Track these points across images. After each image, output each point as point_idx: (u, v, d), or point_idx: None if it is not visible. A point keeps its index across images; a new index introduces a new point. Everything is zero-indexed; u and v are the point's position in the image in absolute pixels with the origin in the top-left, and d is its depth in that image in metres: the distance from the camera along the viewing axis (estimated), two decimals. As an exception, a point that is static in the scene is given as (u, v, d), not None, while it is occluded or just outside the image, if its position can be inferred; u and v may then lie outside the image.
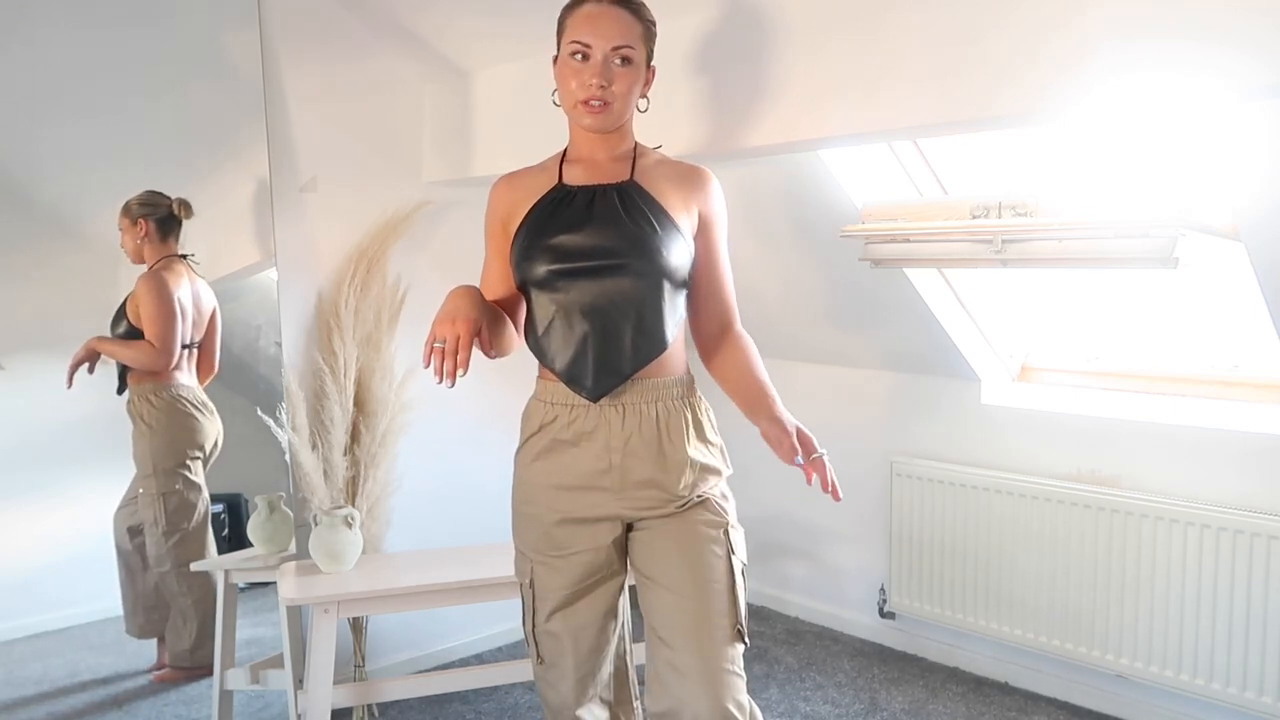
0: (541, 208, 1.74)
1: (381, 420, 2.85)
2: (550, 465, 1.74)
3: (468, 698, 2.97)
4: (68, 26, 2.58)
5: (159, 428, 2.71)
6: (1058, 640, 2.85)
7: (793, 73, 2.11)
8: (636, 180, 1.75)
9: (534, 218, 1.73)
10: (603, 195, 1.73)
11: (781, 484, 3.58)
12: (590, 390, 1.68)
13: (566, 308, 1.69)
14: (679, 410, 1.72)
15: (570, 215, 1.71)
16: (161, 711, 2.70)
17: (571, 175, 1.77)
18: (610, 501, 1.71)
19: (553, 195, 1.75)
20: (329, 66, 2.88)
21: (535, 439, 1.76)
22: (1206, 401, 2.61)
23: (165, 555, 2.74)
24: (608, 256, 1.68)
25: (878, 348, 3.26)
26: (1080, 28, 1.70)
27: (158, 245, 2.67)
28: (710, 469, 1.75)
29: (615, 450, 1.70)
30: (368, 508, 2.82)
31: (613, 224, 1.69)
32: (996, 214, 2.54)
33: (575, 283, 1.68)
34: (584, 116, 1.71)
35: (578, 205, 1.72)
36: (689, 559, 1.68)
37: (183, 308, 2.69)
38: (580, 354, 1.68)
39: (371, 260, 2.88)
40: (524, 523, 1.79)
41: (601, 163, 1.78)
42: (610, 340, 1.68)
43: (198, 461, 2.76)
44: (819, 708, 2.90)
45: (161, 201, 2.66)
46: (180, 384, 2.72)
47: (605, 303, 1.68)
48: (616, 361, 1.68)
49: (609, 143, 1.77)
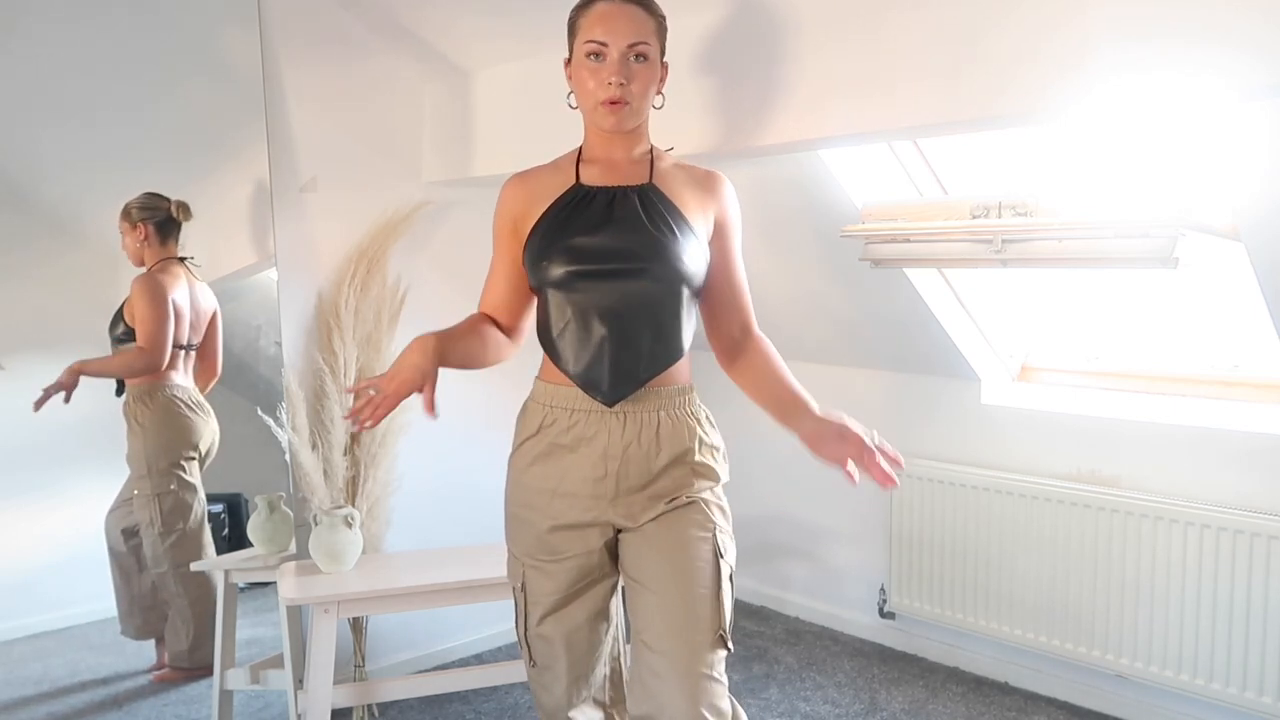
0: (559, 208, 1.71)
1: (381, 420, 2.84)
2: (546, 470, 1.72)
3: (468, 698, 2.97)
4: (68, 26, 2.57)
5: (153, 428, 2.70)
6: (1058, 640, 2.85)
7: (793, 73, 2.11)
8: (656, 184, 1.73)
9: (551, 218, 1.70)
10: (623, 197, 1.70)
11: (781, 484, 3.58)
12: (606, 395, 1.66)
13: (584, 310, 1.67)
14: (680, 419, 1.71)
15: (590, 217, 1.69)
16: (161, 711, 2.70)
17: (589, 175, 1.74)
18: (603, 507, 1.70)
19: (571, 195, 1.72)
20: (329, 66, 2.88)
21: (532, 442, 1.74)
22: (1206, 401, 2.61)
23: (162, 556, 2.74)
24: (628, 260, 1.66)
25: (878, 348, 3.26)
26: (1080, 28, 1.70)
27: (157, 248, 2.67)
28: (706, 472, 1.73)
29: (613, 457, 1.68)
30: (368, 508, 2.82)
31: (633, 227, 1.67)
32: (996, 214, 2.54)
33: (594, 285, 1.66)
34: (605, 118, 1.68)
35: (597, 206, 1.69)
36: (673, 562, 1.67)
37: (178, 310, 2.68)
38: (597, 358, 1.66)
39: (371, 260, 2.88)
40: (518, 527, 1.78)
41: (620, 163, 1.75)
42: (628, 345, 1.66)
43: (193, 462, 2.76)
44: (819, 708, 2.90)
45: (160, 204, 2.66)
46: (176, 385, 2.72)
47: (624, 307, 1.66)
48: (633, 367, 1.66)
49: (628, 143, 1.75)
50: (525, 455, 1.75)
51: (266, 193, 2.79)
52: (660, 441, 1.69)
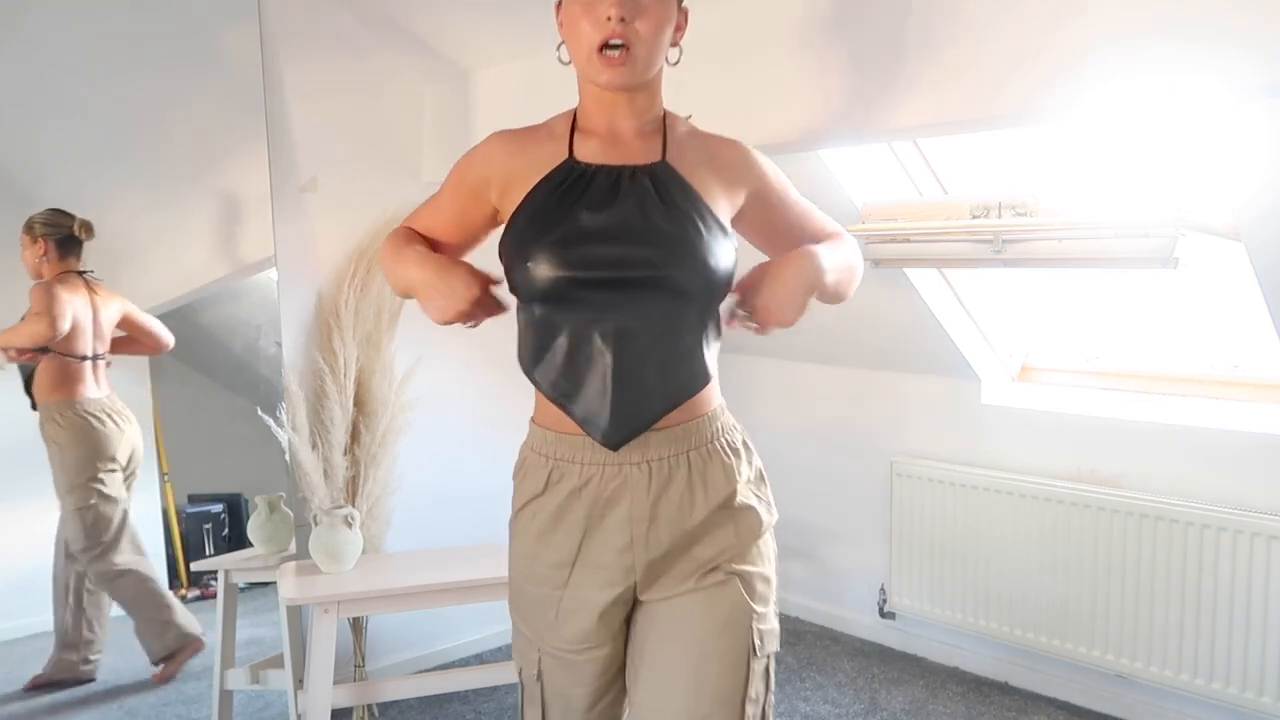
0: (549, 189, 1.33)
1: (381, 420, 2.85)
2: (559, 540, 1.37)
3: (468, 698, 2.97)
4: (68, 27, 2.58)
5: (67, 445, 2.66)
6: (1058, 640, 2.85)
7: (793, 73, 2.11)
8: (670, 162, 1.36)
9: (536, 202, 1.33)
10: (631, 180, 1.33)
11: (781, 483, 3.56)
12: (607, 434, 1.30)
13: (581, 329, 1.29)
14: (715, 454, 1.37)
15: (588, 205, 1.31)
16: (161, 712, 2.70)
17: (586, 150, 1.36)
18: (621, 579, 1.37)
19: (563, 173, 1.34)
20: (329, 66, 2.88)
21: (538, 505, 1.39)
22: (1206, 401, 2.61)
23: (91, 569, 2.70)
24: (642, 265, 1.29)
25: (878, 348, 3.26)
26: (1080, 28, 1.70)
27: (56, 263, 2.63)
28: (751, 523, 1.39)
29: (639, 519, 1.33)
30: (368, 508, 2.82)
31: (645, 221, 1.31)
32: (996, 214, 2.54)
33: (596, 296, 1.29)
34: (601, 70, 1.30)
35: (597, 192, 1.32)
36: (688, 657, 1.33)
37: (78, 320, 2.64)
38: (599, 390, 1.29)
39: (371, 260, 2.88)
40: (529, 604, 1.44)
41: (624, 135, 1.37)
42: (637, 373, 1.30)
43: (114, 474, 2.71)
44: (819, 708, 2.90)
45: (64, 222, 2.64)
46: (88, 399, 2.67)
47: (634, 324, 1.29)
48: (641, 401, 1.30)
49: (634, 106, 1.36)
50: (532, 523, 1.41)
51: (266, 192, 2.79)
52: (694, 491, 1.35)
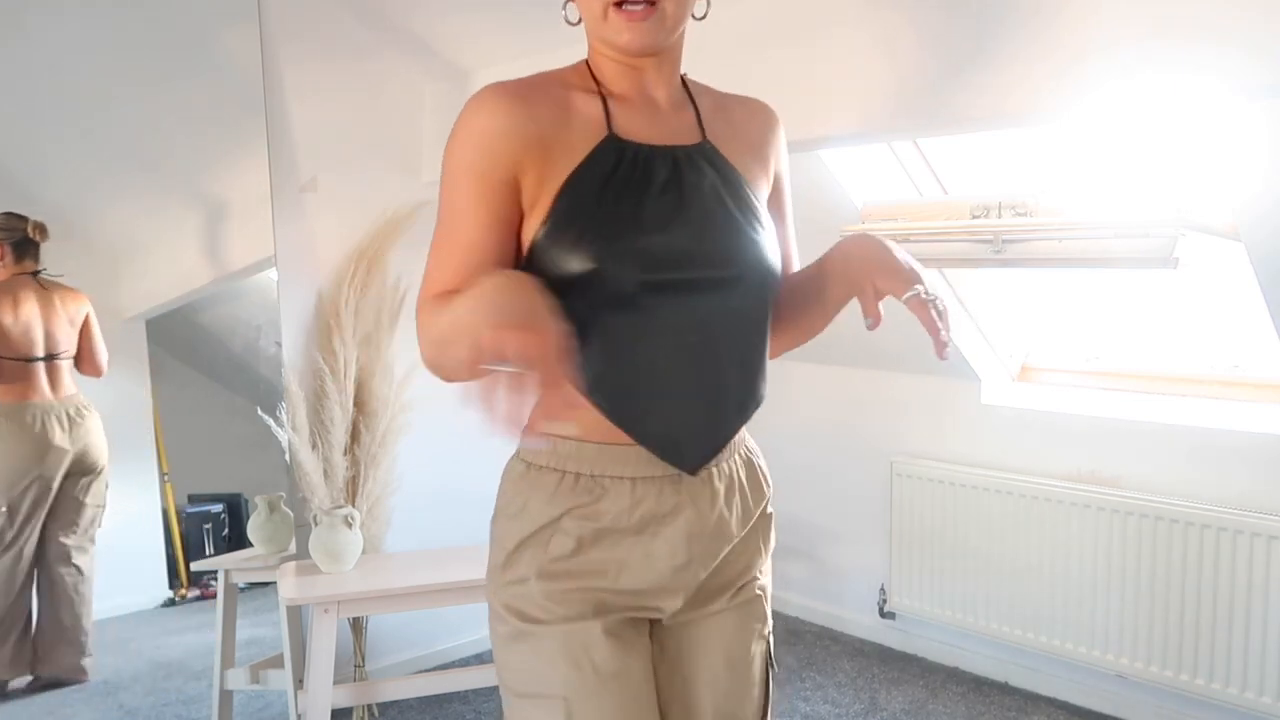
0: (596, 175, 1.10)
1: (381, 420, 2.85)
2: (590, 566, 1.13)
3: (468, 698, 2.97)
4: (68, 27, 2.58)
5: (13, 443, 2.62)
6: (1058, 640, 2.85)
7: (792, 72, 2.11)
8: (711, 141, 1.19)
9: (589, 189, 1.09)
10: (691, 167, 1.15)
11: (781, 483, 3.57)
12: (690, 457, 1.14)
13: (656, 339, 1.11)
14: (748, 457, 1.26)
15: (656, 195, 1.11)
16: (161, 711, 2.70)
17: (627, 125, 1.13)
18: (666, 603, 1.19)
19: (609, 154, 1.11)
20: (329, 66, 2.88)
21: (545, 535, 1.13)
22: (1206, 401, 2.61)
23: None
24: (718, 265, 1.13)
25: (878, 348, 3.26)
26: (1080, 28, 1.70)
27: (11, 265, 2.64)
28: (769, 531, 1.31)
29: (697, 537, 1.16)
30: (368, 508, 2.82)
31: (714, 214, 1.14)
32: (996, 214, 2.54)
33: (672, 302, 1.10)
34: (622, 29, 1.09)
35: (659, 179, 1.12)
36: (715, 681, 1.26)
37: (27, 324, 2.63)
38: (680, 407, 1.13)
39: (371, 260, 2.88)
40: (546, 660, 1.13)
41: (660, 105, 1.18)
42: (721, 385, 1.16)
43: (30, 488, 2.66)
44: (819, 708, 2.90)
45: (18, 225, 2.64)
46: (33, 404, 2.63)
47: (717, 331, 1.14)
48: (725, 415, 1.17)
49: (663, 71, 1.18)
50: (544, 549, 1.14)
51: (266, 192, 2.79)
52: (745, 499, 1.23)
